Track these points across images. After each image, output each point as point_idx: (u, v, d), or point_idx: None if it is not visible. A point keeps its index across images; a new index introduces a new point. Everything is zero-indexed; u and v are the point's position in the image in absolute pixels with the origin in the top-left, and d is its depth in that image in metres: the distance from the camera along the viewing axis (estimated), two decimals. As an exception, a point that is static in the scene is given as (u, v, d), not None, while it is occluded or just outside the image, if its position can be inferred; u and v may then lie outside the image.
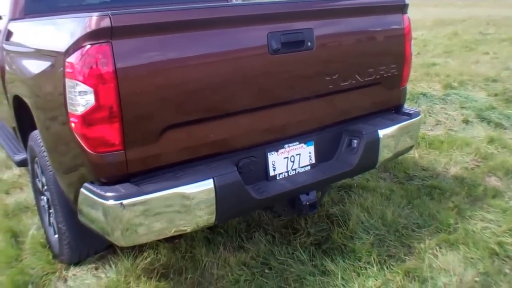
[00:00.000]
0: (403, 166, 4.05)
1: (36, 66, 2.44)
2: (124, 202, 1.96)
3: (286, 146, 2.55)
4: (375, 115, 2.93)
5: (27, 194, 3.84)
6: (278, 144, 2.52)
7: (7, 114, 3.35)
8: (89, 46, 1.91)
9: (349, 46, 2.69)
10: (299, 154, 2.59)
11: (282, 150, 2.53)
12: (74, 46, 1.97)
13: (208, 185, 2.13)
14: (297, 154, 2.58)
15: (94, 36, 1.90)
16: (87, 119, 1.96)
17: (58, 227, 2.73)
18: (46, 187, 2.80)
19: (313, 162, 2.64)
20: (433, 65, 8.16)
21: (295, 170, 2.59)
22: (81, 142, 2.02)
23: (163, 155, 2.13)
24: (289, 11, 2.40)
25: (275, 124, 2.47)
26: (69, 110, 2.02)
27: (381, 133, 2.74)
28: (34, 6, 3.25)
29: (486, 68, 7.67)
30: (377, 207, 3.30)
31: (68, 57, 1.99)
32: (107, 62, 1.90)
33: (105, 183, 2.07)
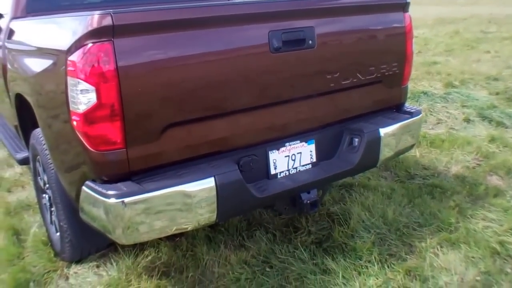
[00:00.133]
0: (404, 165, 4.05)
1: (38, 65, 2.44)
2: (125, 200, 1.97)
3: (287, 144, 2.55)
4: (376, 114, 2.93)
5: (29, 192, 3.85)
6: (279, 142, 2.52)
7: (9, 113, 3.35)
8: (91, 44, 1.91)
9: (350, 45, 2.68)
10: (300, 153, 2.59)
11: (283, 149, 2.54)
12: (76, 45, 1.97)
13: (209, 183, 2.13)
14: (298, 153, 2.58)
15: (96, 34, 1.91)
16: (89, 117, 1.96)
17: (59, 225, 2.73)
18: (47, 185, 2.81)
19: (314, 160, 2.65)
20: (434, 63, 8.15)
21: (296, 168, 2.59)
22: (82, 140, 2.03)
23: (165, 154, 2.14)
24: (290, 9, 2.40)
25: (276, 122, 2.47)
26: (71, 108, 2.03)
27: (382, 131, 2.74)
28: (36, 4, 3.25)
29: (487, 66, 7.67)
30: (378, 206, 3.30)
31: (70, 55, 2.00)
32: (109, 61, 1.90)
33: (106, 181, 2.07)
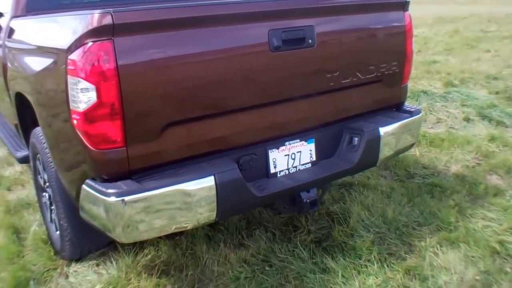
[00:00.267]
0: (404, 164, 4.05)
1: (38, 63, 2.44)
2: (125, 199, 1.97)
3: (287, 143, 2.55)
4: (376, 113, 2.93)
5: (29, 191, 3.86)
6: (279, 141, 2.52)
7: (9, 111, 3.35)
8: (91, 43, 1.91)
9: (350, 44, 2.68)
10: (300, 152, 2.59)
11: (283, 148, 2.54)
12: (76, 43, 1.97)
13: (209, 182, 2.13)
14: (297, 152, 2.59)
15: (96, 33, 1.91)
16: (89, 116, 1.97)
17: (59, 224, 2.74)
18: (48, 184, 2.81)
19: (313, 159, 2.65)
20: (434, 62, 8.16)
21: (296, 167, 2.59)
22: (83, 139, 2.03)
23: (165, 152, 2.14)
24: (290, 8, 2.40)
25: (276, 121, 2.48)
26: (71, 107, 2.03)
27: (382, 130, 2.74)
28: (36, 3, 3.24)
29: (487, 66, 7.67)
30: (377, 205, 3.30)
31: (70, 54, 2.00)
32: (109, 59, 1.90)
33: (106, 180, 2.07)
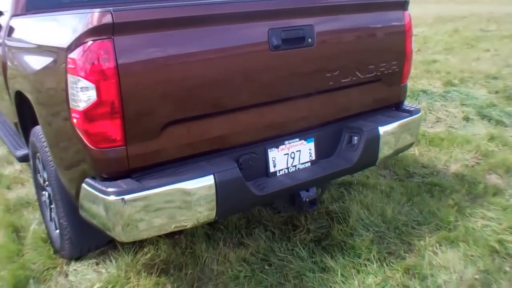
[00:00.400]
0: (403, 163, 4.05)
1: (38, 62, 2.44)
2: (125, 197, 1.97)
3: (286, 142, 2.55)
4: (376, 112, 2.93)
5: (29, 190, 3.86)
6: (278, 140, 2.53)
7: (9, 110, 3.35)
8: (91, 42, 1.91)
9: (349, 43, 2.69)
10: (299, 151, 2.60)
11: (282, 147, 2.54)
12: (76, 42, 1.97)
13: (208, 181, 2.13)
14: (297, 151, 2.59)
15: (96, 32, 1.91)
16: (89, 115, 1.97)
17: (59, 222, 2.74)
18: (47, 183, 2.81)
19: (313, 158, 2.65)
20: (433, 62, 8.16)
21: (295, 166, 2.59)
22: (82, 138, 2.03)
23: (164, 151, 2.14)
24: (290, 8, 2.40)
25: (276, 120, 2.48)
26: (71, 106, 2.03)
27: (381, 130, 2.74)
28: (36, 2, 3.24)
29: (487, 65, 7.67)
30: (377, 204, 3.31)
31: (70, 53, 2.00)
32: (109, 58, 1.90)
33: (106, 179, 2.07)
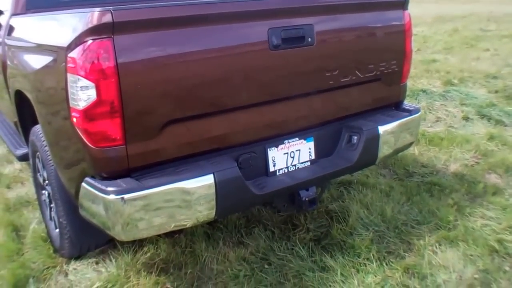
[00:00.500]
0: (403, 163, 4.05)
1: (38, 61, 2.44)
2: (125, 196, 1.97)
3: (286, 141, 2.55)
4: (375, 112, 2.93)
5: (28, 189, 3.86)
6: (278, 139, 2.53)
7: (9, 109, 3.35)
8: (91, 41, 1.91)
9: (349, 42, 2.69)
10: (299, 150, 2.60)
11: (282, 146, 2.54)
12: (76, 41, 1.98)
13: (208, 180, 2.14)
14: (297, 150, 2.59)
15: (96, 31, 1.91)
16: (89, 114, 1.97)
17: (59, 222, 2.74)
18: (47, 182, 2.81)
19: (313, 158, 2.65)
20: (433, 61, 8.16)
21: (295, 166, 2.59)
22: (82, 137, 2.03)
23: (164, 150, 2.14)
24: (289, 7, 2.40)
25: (275, 119, 2.48)
26: (70, 105, 2.03)
27: (381, 129, 2.74)
28: (36, 1, 3.24)
29: (486, 64, 7.67)
30: (376, 204, 3.31)
31: (70, 52, 2.00)
32: (109, 57, 1.90)
33: (106, 178, 2.07)
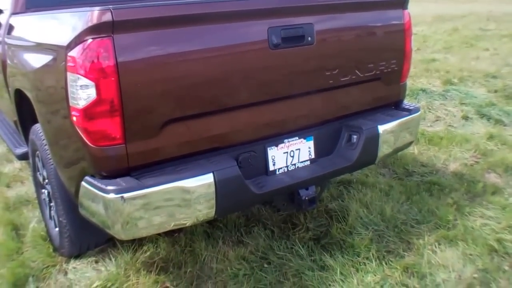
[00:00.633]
0: (403, 162, 4.06)
1: (37, 60, 2.44)
2: (124, 195, 1.97)
3: (285, 141, 2.55)
4: (375, 111, 2.93)
5: (28, 188, 3.86)
6: (278, 139, 2.53)
7: (9, 108, 3.35)
8: (90, 40, 1.91)
9: (349, 41, 2.69)
10: (299, 149, 2.60)
11: (281, 145, 2.54)
12: (76, 40, 1.98)
13: (208, 179, 2.14)
14: (296, 149, 2.59)
15: (95, 30, 1.91)
16: (89, 113, 1.97)
17: (58, 220, 2.74)
18: (47, 181, 2.81)
19: (312, 157, 2.65)
20: (433, 61, 8.16)
21: (295, 165, 2.59)
22: (82, 136, 2.03)
23: (164, 149, 2.14)
24: (289, 6, 2.40)
25: (275, 119, 2.48)
26: (70, 104, 2.03)
27: (380, 128, 2.74)
28: (36, 0, 3.24)
29: (486, 64, 7.67)
30: (376, 203, 3.31)
31: (69, 51, 2.00)
32: (109, 56, 1.90)
33: (106, 177, 2.07)
